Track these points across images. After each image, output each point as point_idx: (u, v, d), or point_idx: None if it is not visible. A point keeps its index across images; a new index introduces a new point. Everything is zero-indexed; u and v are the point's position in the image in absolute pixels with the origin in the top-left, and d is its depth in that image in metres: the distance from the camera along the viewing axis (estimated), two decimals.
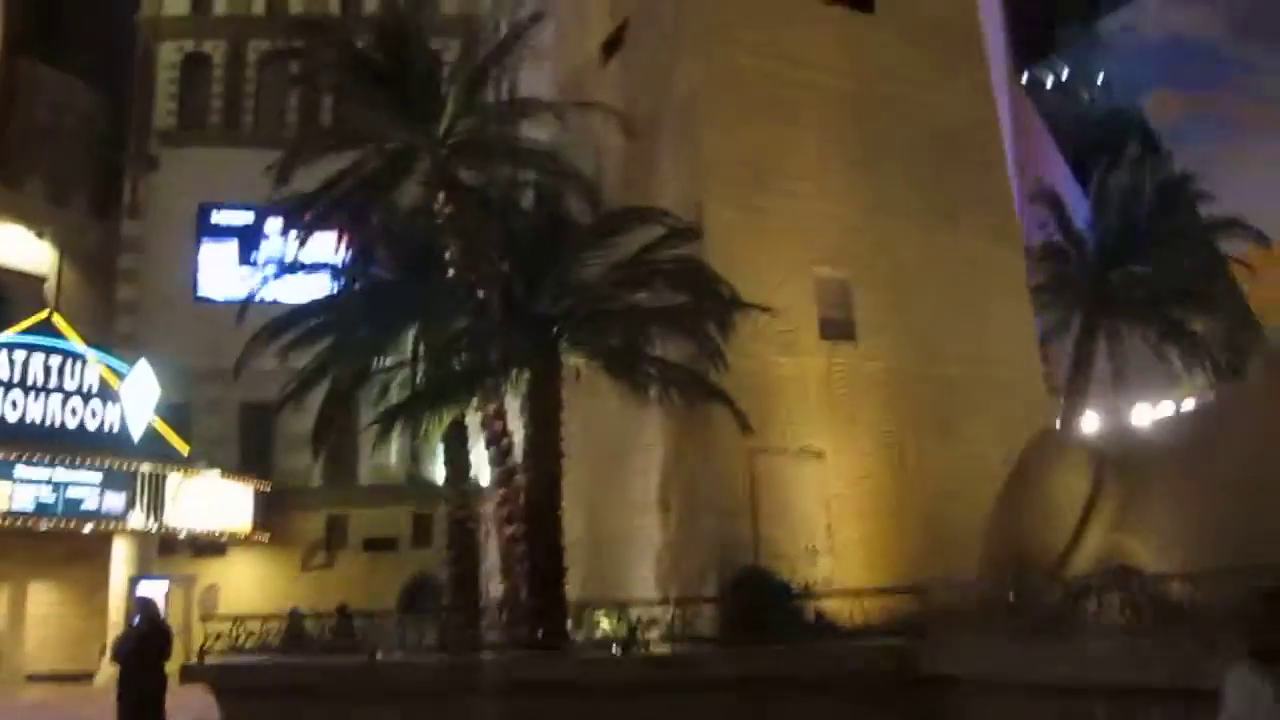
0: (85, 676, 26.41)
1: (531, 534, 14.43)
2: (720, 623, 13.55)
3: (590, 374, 15.40)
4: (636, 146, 18.59)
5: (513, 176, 17.17)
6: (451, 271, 16.00)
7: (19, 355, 24.26)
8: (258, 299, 19.64)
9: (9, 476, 23.00)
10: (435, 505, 31.58)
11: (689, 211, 16.21)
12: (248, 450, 30.89)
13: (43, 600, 28.59)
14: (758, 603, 13.53)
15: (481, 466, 17.63)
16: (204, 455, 28.30)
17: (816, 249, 17.43)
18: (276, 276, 18.30)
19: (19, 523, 23.32)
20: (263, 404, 31.78)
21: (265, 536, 29.49)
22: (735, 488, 15.64)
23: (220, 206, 31.68)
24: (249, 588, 30.52)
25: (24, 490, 23.17)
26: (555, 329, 14.98)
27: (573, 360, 15.26)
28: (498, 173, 16.99)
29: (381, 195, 16.62)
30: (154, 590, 25.37)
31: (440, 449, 31.61)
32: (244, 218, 31.79)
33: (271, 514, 29.64)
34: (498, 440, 15.61)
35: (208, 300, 31.43)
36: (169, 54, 34.02)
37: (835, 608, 13.77)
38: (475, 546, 17.25)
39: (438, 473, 32.55)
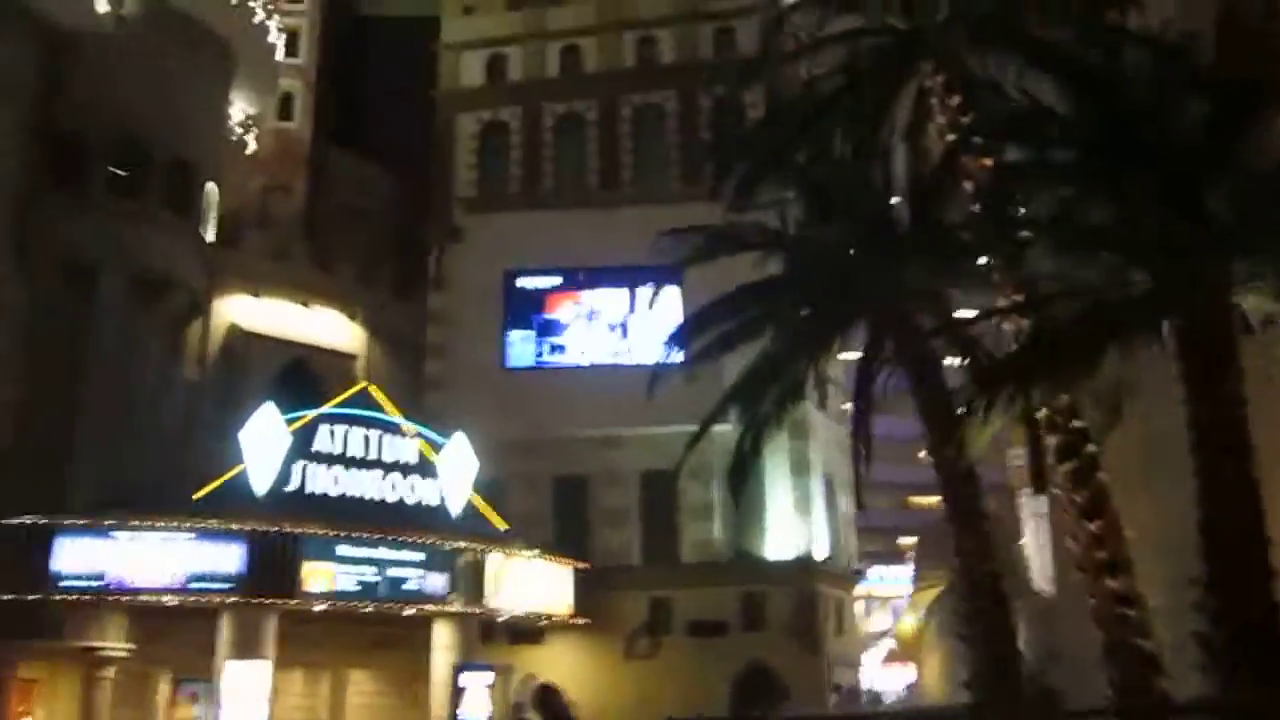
0: None
1: (1226, 580, 8.80)
2: None
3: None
4: None
5: None
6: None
7: (339, 428, 23.19)
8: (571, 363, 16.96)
9: (331, 556, 21.65)
10: (766, 583, 28.69)
11: None
12: (562, 526, 28.89)
13: (362, 689, 27.33)
14: None
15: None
16: (521, 533, 26.45)
17: None
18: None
19: (343, 606, 21.88)
20: (576, 477, 30.00)
21: (585, 621, 27.17)
22: None
23: (525, 273, 30.35)
24: (568, 678, 27.96)
25: (347, 571, 21.75)
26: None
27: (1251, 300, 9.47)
28: None
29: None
30: (477, 680, 23.49)
31: (769, 518, 28.79)
32: (550, 282, 30.32)
33: (590, 596, 27.34)
34: (1062, 429, 11.04)
35: (516, 369, 29.97)
36: (466, 125, 33.56)
37: None
38: (1006, 618, 12.43)
39: (766, 547, 29.67)
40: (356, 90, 38.66)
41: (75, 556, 20.28)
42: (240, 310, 29.54)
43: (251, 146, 31.31)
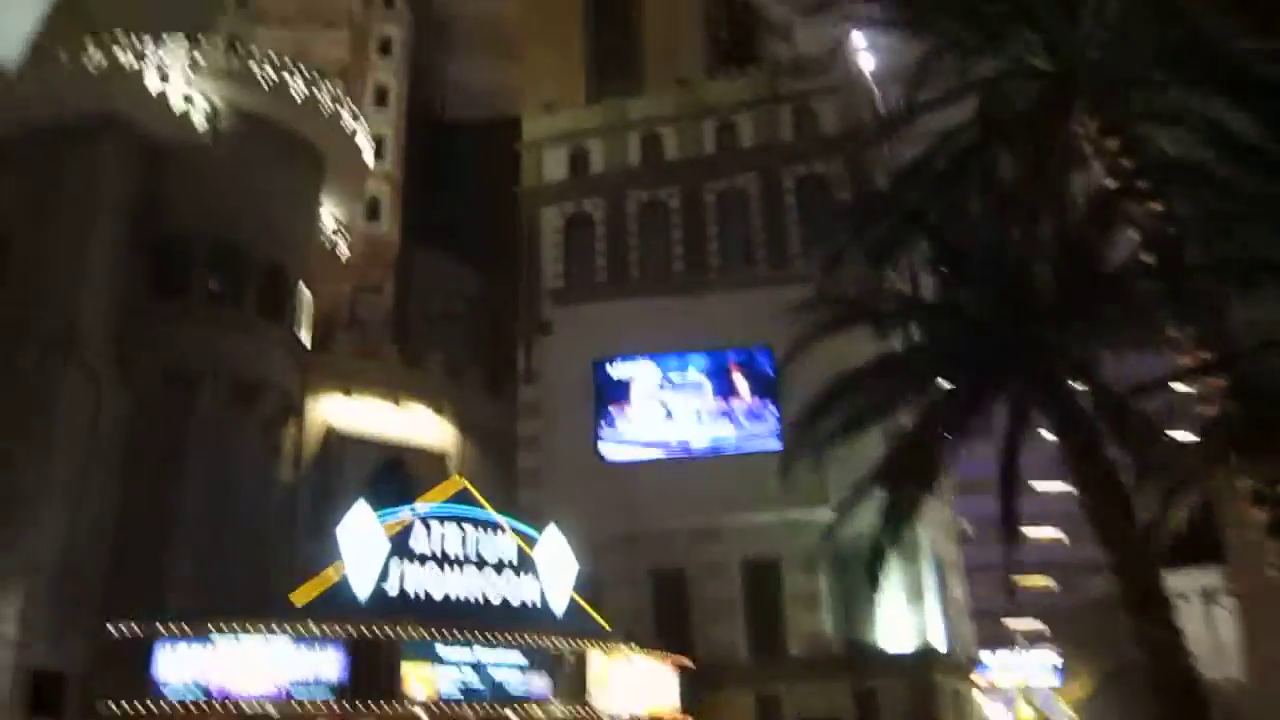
0: None
1: None
2: None
3: None
4: None
5: None
6: None
7: (435, 527, 22.70)
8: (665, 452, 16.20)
9: (432, 658, 20.98)
10: (880, 677, 27.25)
11: None
12: (662, 622, 27.89)
13: None
14: None
15: None
16: (621, 630, 25.56)
17: None
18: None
19: (447, 709, 21.13)
20: (675, 570, 29.08)
21: None
22: None
23: (615, 361, 29.96)
24: None
25: (448, 674, 21.04)
26: None
27: None
28: None
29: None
30: None
31: (880, 607, 27.50)
32: (641, 369, 29.88)
33: (695, 695, 26.21)
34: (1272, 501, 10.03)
35: (610, 462, 29.39)
36: (551, 218, 33.64)
37: None
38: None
39: (879, 638, 28.29)
40: (440, 192, 39.24)
41: (176, 664, 19.91)
42: (334, 410, 29.62)
43: (343, 250, 31.74)
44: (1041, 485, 56.15)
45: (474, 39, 47.03)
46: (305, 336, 27.05)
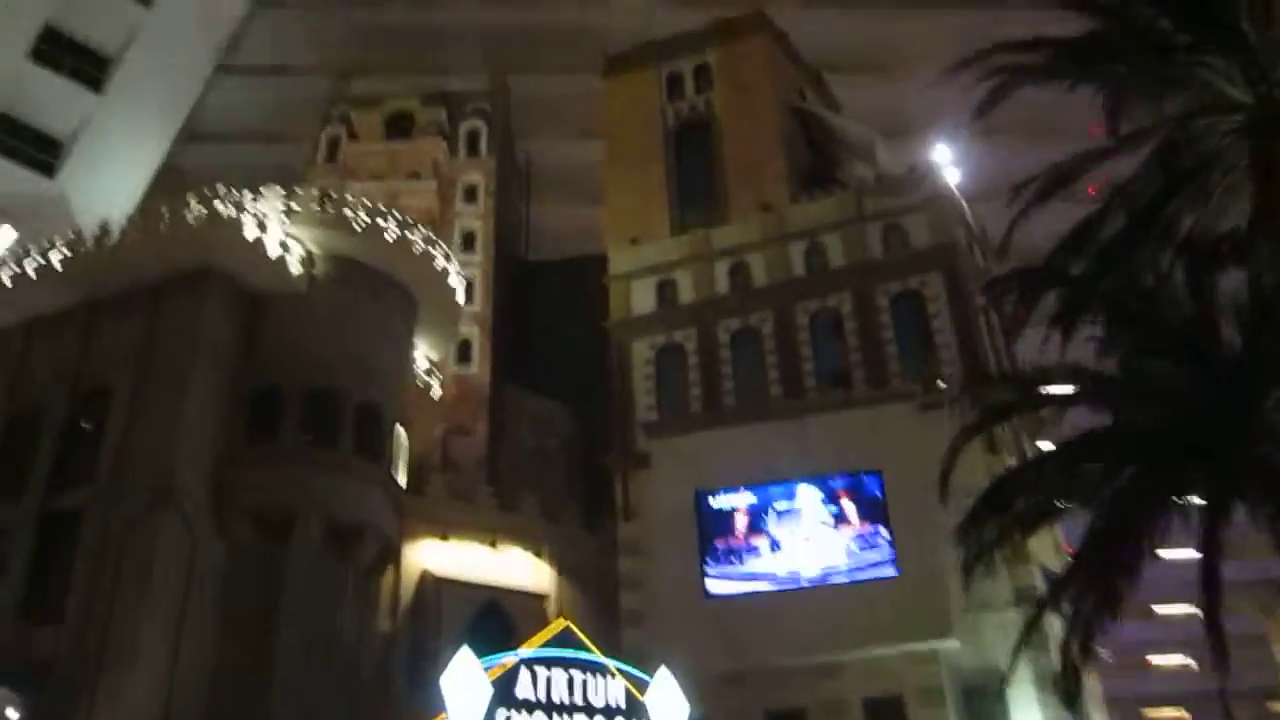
0: None
1: None
2: None
3: None
4: None
5: None
6: None
7: (540, 671, 21.57)
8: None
9: None
10: None
11: None
12: None
13: None
14: None
15: None
16: None
17: None
18: None
19: None
20: (792, 710, 27.33)
21: None
22: None
23: (716, 492, 28.94)
24: None
25: None
26: None
27: None
28: None
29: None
30: None
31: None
32: (744, 499, 28.79)
33: None
34: None
35: (716, 597, 28.07)
36: (641, 351, 33.29)
37: None
38: None
39: None
40: (528, 331, 39.27)
41: None
42: (430, 555, 28.98)
43: (436, 391, 31.61)
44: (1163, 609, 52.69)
45: (556, 181, 48.03)
46: (402, 479, 26.62)
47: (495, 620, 28.48)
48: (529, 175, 48.72)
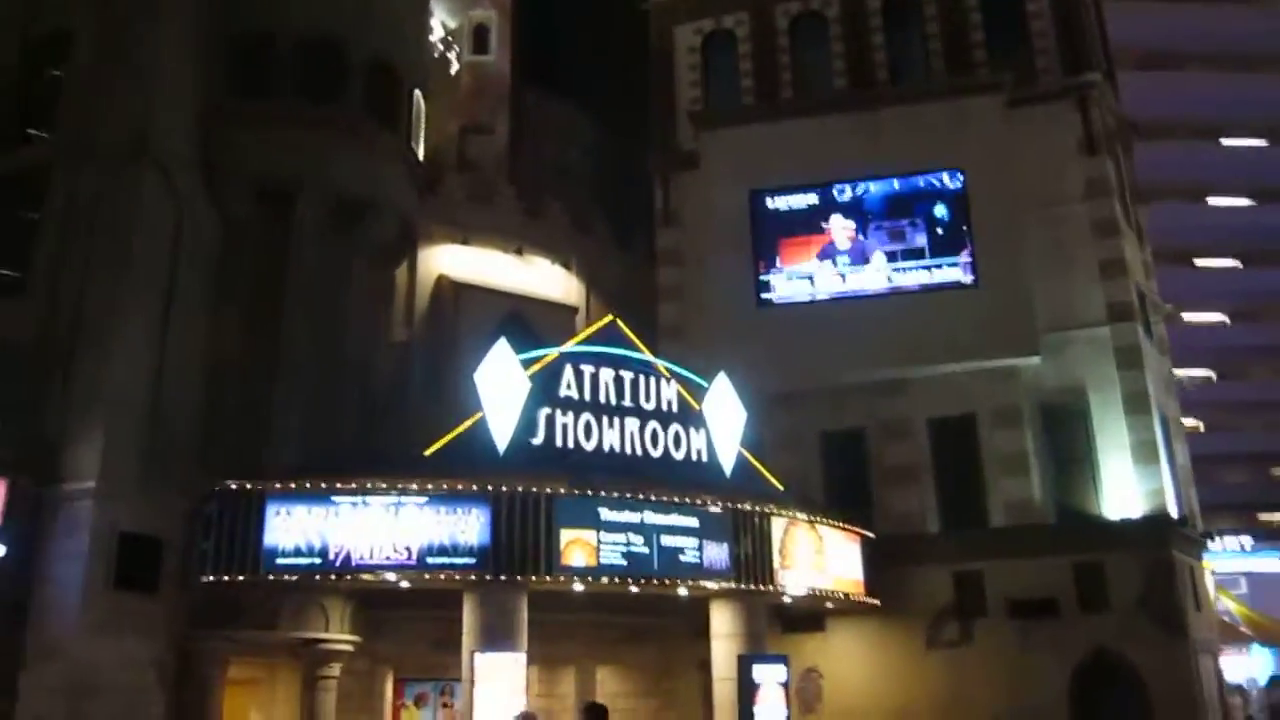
0: None
1: None
2: None
3: None
4: None
5: None
6: None
7: (586, 369, 18.92)
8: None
9: (593, 523, 17.32)
10: (1105, 550, 23.01)
11: None
12: (834, 491, 23.97)
13: (608, 689, 23.28)
14: None
15: None
16: (793, 495, 21.71)
17: None
18: None
19: (609, 583, 17.52)
20: (850, 431, 24.87)
21: (877, 603, 22.22)
22: None
23: (775, 192, 25.49)
24: (857, 672, 23.27)
25: (613, 541, 17.38)
26: None
27: None
28: None
29: None
30: (772, 676, 18.81)
31: (1102, 469, 23.15)
32: (806, 200, 25.40)
33: (878, 572, 22.37)
34: None
35: (769, 308, 25.14)
36: (685, 38, 29.04)
37: None
38: None
39: (1101, 505, 23.97)
40: (552, 19, 34.67)
41: (292, 528, 16.50)
42: (447, 259, 25.95)
43: (454, 66, 27.52)
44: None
45: None
46: (422, 153, 23.03)
47: (520, 331, 25.62)
48: None
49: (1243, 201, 54.66)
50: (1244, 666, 30.45)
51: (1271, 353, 54.86)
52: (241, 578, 16.52)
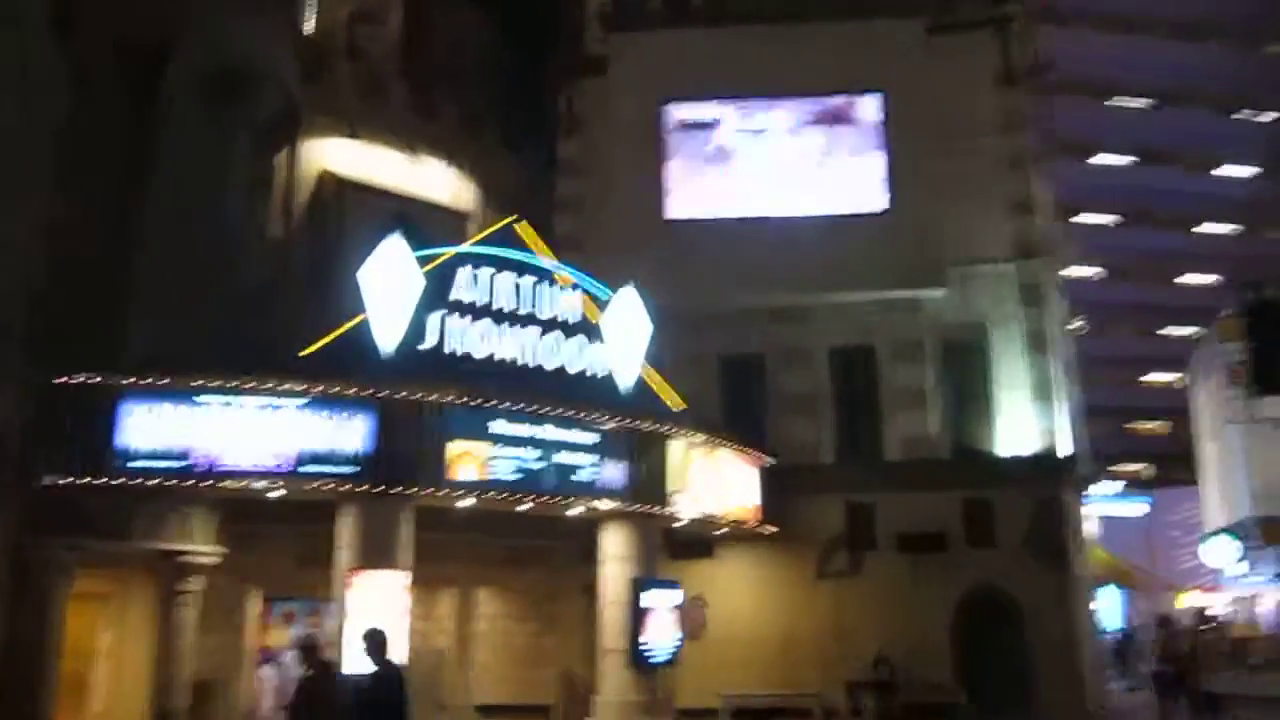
0: (540, 710, 21.01)
1: None
2: None
3: None
4: None
5: None
6: None
7: (483, 271, 17.59)
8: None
9: (484, 435, 16.15)
10: (995, 487, 22.97)
11: None
12: (732, 417, 23.28)
13: (487, 611, 22.45)
14: None
15: None
16: (691, 417, 20.90)
17: None
18: None
19: (500, 499, 16.44)
20: (749, 356, 24.21)
21: (773, 530, 21.74)
22: None
23: (684, 101, 24.33)
24: (744, 600, 22.87)
25: (505, 454, 16.25)
26: None
27: None
28: None
29: None
30: (664, 601, 18.11)
31: (998, 406, 22.97)
32: (714, 112, 24.35)
33: (773, 500, 21.86)
34: None
35: (676, 225, 24.12)
36: None
37: None
38: None
39: (995, 442, 23.86)
40: None
41: (149, 428, 14.88)
42: (332, 154, 24.01)
43: None
44: None
45: None
46: (311, 25, 21.04)
47: (407, 235, 24.02)
48: None
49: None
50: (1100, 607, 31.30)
51: (1137, 310, 56.75)
52: (88, 480, 14.81)
